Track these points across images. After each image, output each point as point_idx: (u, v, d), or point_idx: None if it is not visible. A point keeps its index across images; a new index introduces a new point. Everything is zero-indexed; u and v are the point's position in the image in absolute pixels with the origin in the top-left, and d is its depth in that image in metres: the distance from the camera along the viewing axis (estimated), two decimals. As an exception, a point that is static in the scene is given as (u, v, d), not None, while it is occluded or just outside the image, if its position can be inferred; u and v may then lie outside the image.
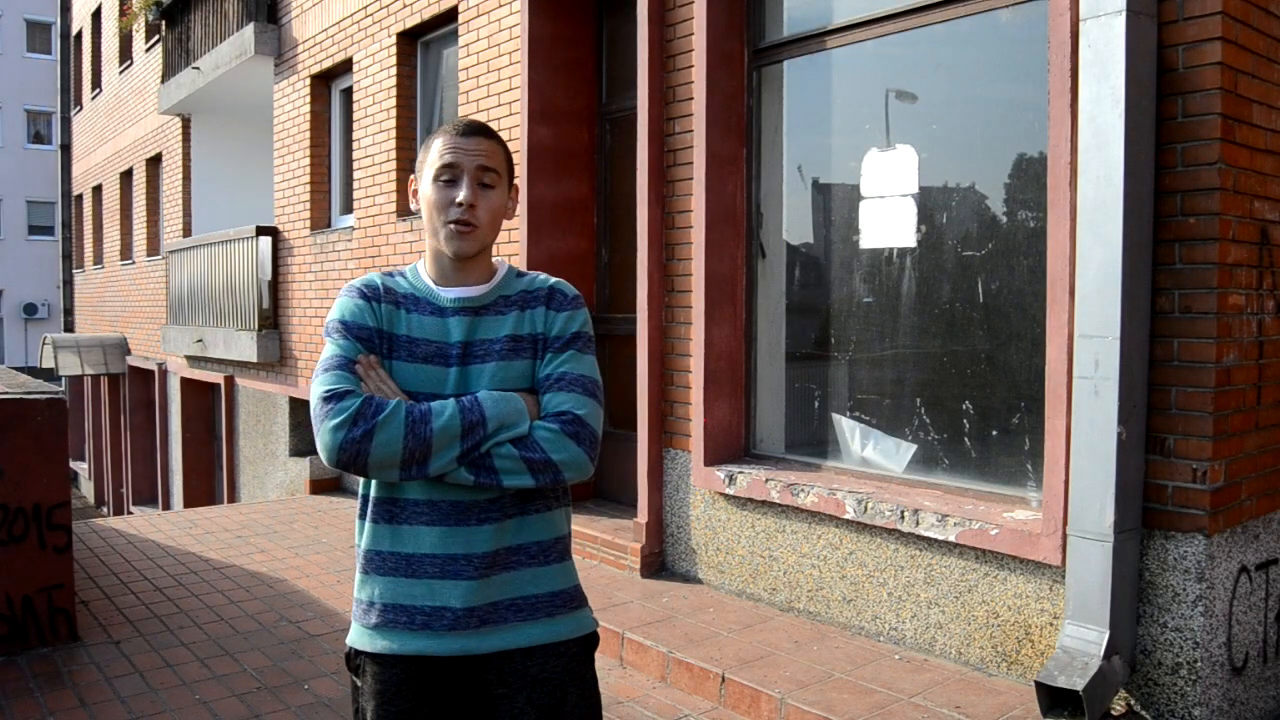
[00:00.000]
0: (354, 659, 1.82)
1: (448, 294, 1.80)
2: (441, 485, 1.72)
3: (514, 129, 5.97)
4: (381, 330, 1.77)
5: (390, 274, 1.86)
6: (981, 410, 4.00)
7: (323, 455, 1.69)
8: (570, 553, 1.89)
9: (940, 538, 3.72)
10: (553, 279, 1.88)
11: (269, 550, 6.14)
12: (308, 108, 8.64)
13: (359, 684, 1.81)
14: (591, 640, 1.87)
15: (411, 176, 1.87)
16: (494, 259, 1.88)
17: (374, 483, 1.77)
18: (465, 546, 1.73)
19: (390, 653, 1.74)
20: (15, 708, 3.69)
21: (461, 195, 1.74)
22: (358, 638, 1.80)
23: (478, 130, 1.79)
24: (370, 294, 1.79)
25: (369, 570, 1.79)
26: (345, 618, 4.76)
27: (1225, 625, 3.18)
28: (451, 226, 1.76)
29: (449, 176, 1.76)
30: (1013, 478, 3.86)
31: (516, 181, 1.91)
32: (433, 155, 1.78)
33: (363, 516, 1.82)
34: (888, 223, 4.35)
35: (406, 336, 1.77)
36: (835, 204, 4.68)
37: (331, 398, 1.68)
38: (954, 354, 4.12)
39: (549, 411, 1.74)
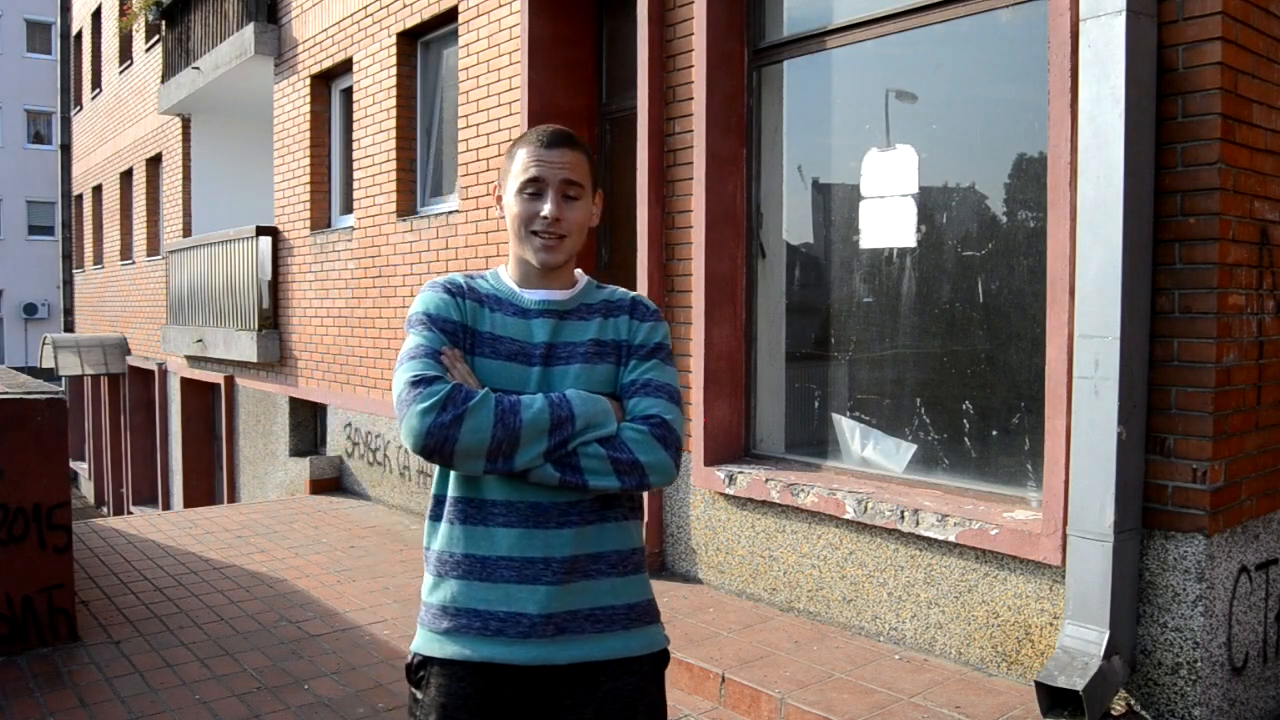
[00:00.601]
0: (416, 670, 1.75)
1: (531, 296, 1.80)
2: (521, 485, 1.69)
3: (514, 129, 5.97)
4: (465, 325, 1.75)
5: (472, 275, 1.85)
6: (981, 410, 4.00)
7: (407, 441, 1.65)
8: (646, 565, 1.84)
9: (940, 538, 3.72)
10: (633, 293, 1.89)
11: (269, 550, 6.13)
12: (308, 108, 8.64)
13: (419, 696, 1.74)
14: (662, 658, 1.83)
15: (494, 183, 1.85)
16: (576, 270, 1.88)
17: (450, 482, 1.74)
18: (544, 550, 1.69)
19: (462, 659, 1.69)
20: (15, 708, 3.69)
21: (546, 210, 1.73)
22: (426, 643, 1.74)
23: (562, 141, 1.77)
24: (454, 290, 1.78)
25: (442, 573, 1.74)
26: (345, 618, 4.76)
27: (1225, 625, 3.18)
28: (537, 239, 1.75)
29: (533, 190, 1.74)
30: (1013, 478, 3.86)
31: (601, 189, 1.89)
32: (517, 166, 1.77)
33: (435, 518, 1.78)
34: (888, 223, 4.35)
35: (490, 334, 1.75)
36: (835, 204, 4.68)
37: (419, 382, 1.65)
38: (954, 354, 4.12)
39: (636, 415, 1.73)
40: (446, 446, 1.63)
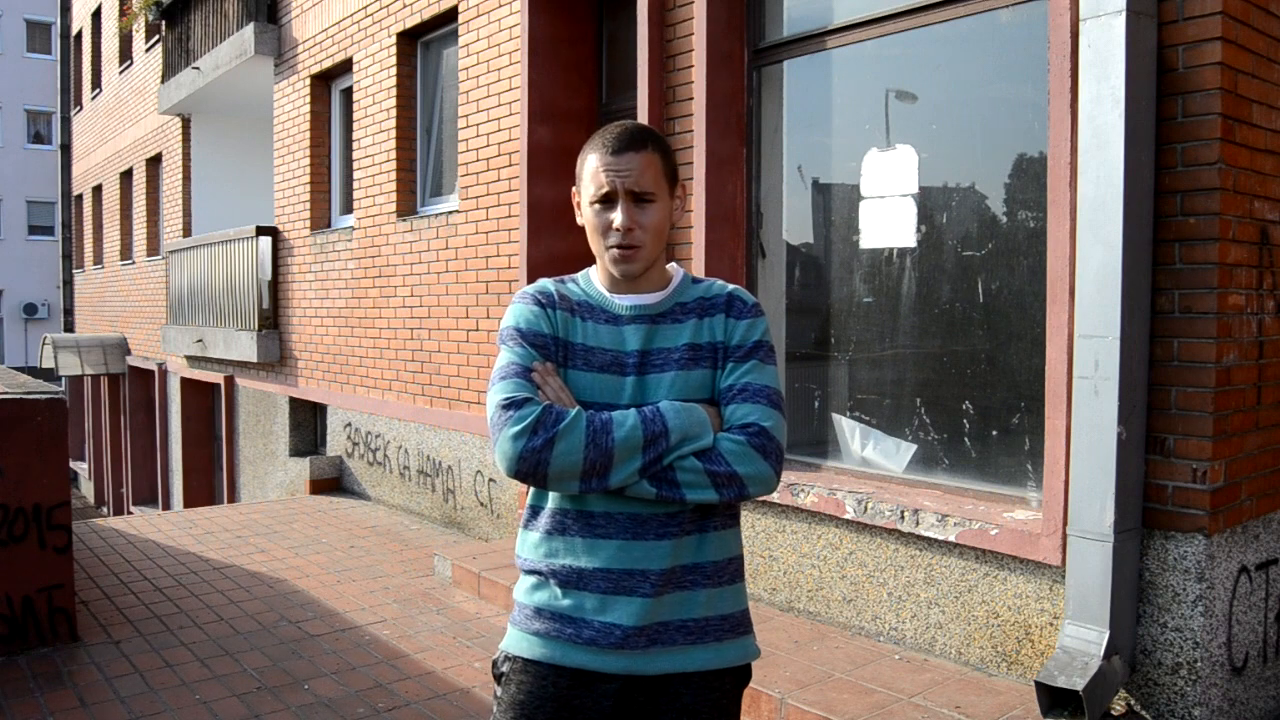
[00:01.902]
0: (500, 665, 1.76)
1: (623, 301, 1.76)
2: (620, 498, 1.66)
3: (514, 129, 5.97)
4: (558, 338, 1.72)
5: (562, 280, 1.81)
6: (981, 410, 4.00)
7: (501, 465, 1.64)
8: (743, 574, 1.81)
9: (940, 538, 3.72)
10: (730, 285, 1.83)
11: (269, 550, 6.14)
12: (308, 108, 8.64)
13: (498, 693, 1.75)
14: (745, 673, 1.80)
15: (574, 189, 1.80)
16: (669, 265, 1.83)
17: (549, 493, 1.71)
18: (642, 562, 1.67)
19: (550, 661, 1.69)
20: (15, 708, 3.69)
21: (618, 221, 1.69)
22: (516, 643, 1.74)
23: (630, 144, 1.70)
24: (545, 300, 1.74)
25: (539, 580, 1.73)
26: (345, 618, 4.76)
27: (1225, 625, 3.18)
28: (614, 251, 1.71)
29: (605, 199, 1.70)
30: (1013, 478, 3.86)
31: (683, 180, 1.83)
32: (587, 174, 1.72)
33: (530, 527, 1.77)
34: (888, 223, 4.35)
35: (583, 345, 1.72)
36: (835, 204, 4.68)
37: (510, 405, 1.63)
38: (954, 354, 4.12)
39: (734, 423, 1.68)
40: (540, 470, 1.61)
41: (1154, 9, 3.14)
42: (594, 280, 1.80)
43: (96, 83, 16.74)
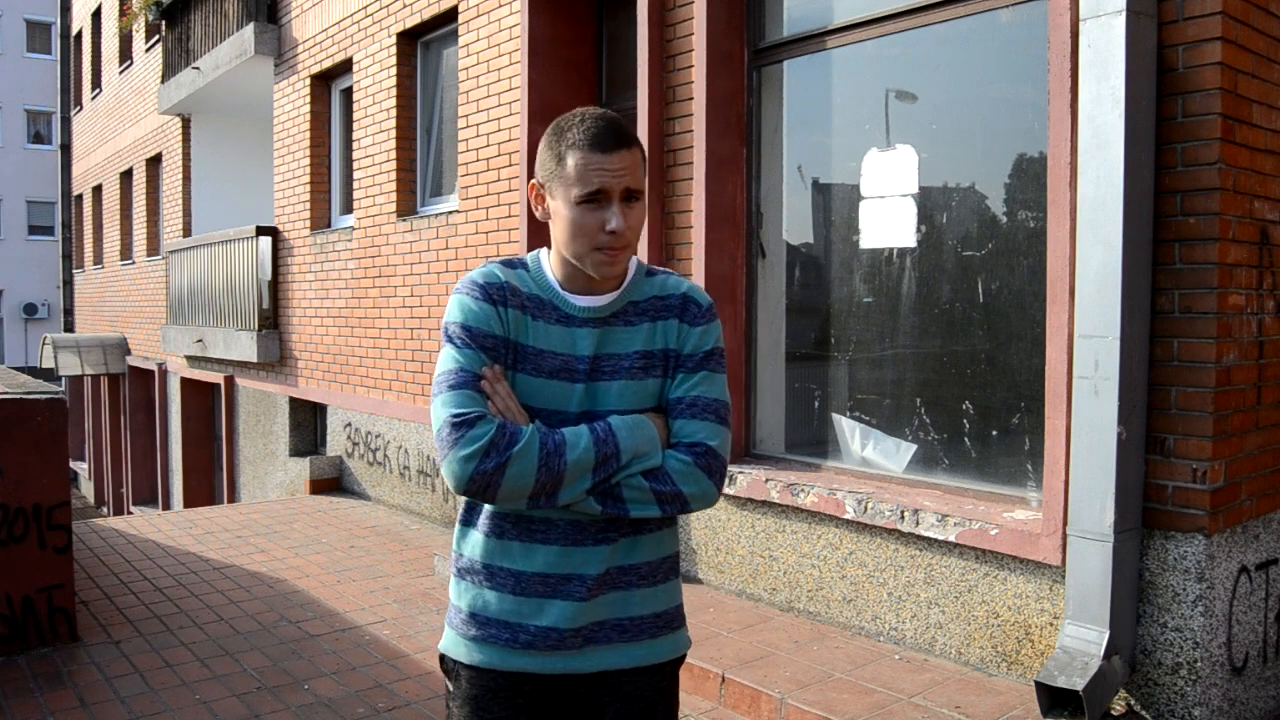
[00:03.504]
0: (448, 662, 1.77)
1: (577, 302, 1.70)
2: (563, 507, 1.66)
3: (514, 129, 5.97)
4: (508, 340, 1.65)
5: (511, 264, 1.73)
6: (981, 410, 4.00)
7: (449, 482, 1.60)
8: (678, 570, 1.81)
9: (940, 538, 3.72)
10: (685, 284, 1.77)
11: (269, 550, 6.13)
12: (308, 108, 8.64)
13: (451, 688, 1.76)
14: (681, 659, 1.82)
15: (533, 181, 1.70)
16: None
17: None
18: (580, 567, 1.67)
19: (489, 667, 1.69)
20: (15, 708, 3.69)
21: (613, 224, 1.61)
22: (454, 647, 1.74)
23: (621, 142, 1.62)
24: (496, 296, 1.66)
25: (474, 581, 1.72)
26: (345, 618, 4.76)
27: (1225, 625, 3.18)
28: (600, 254, 1.63)
29: (595, 200, 1.61)
30: (1013, 478, 3.86)
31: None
32: (570, 171, 1.61)
33: (468, 524, 1.75)
34: (888, 223, 4.35)
35: (534, 348, 1.66)
36: (835, 204, 4.68)
37: (461, 423, 1.58)
38: (954, 354, 4.12)
39: (682, 439, 1.66)
40: (489, 491, 1.59)
41: (1154, 9, 3.14)
42: (545, 269, 1.73)
43: (96, 83, 16.74)
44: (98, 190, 16.83)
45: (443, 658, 1.78)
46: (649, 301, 1.73)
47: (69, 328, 18.47)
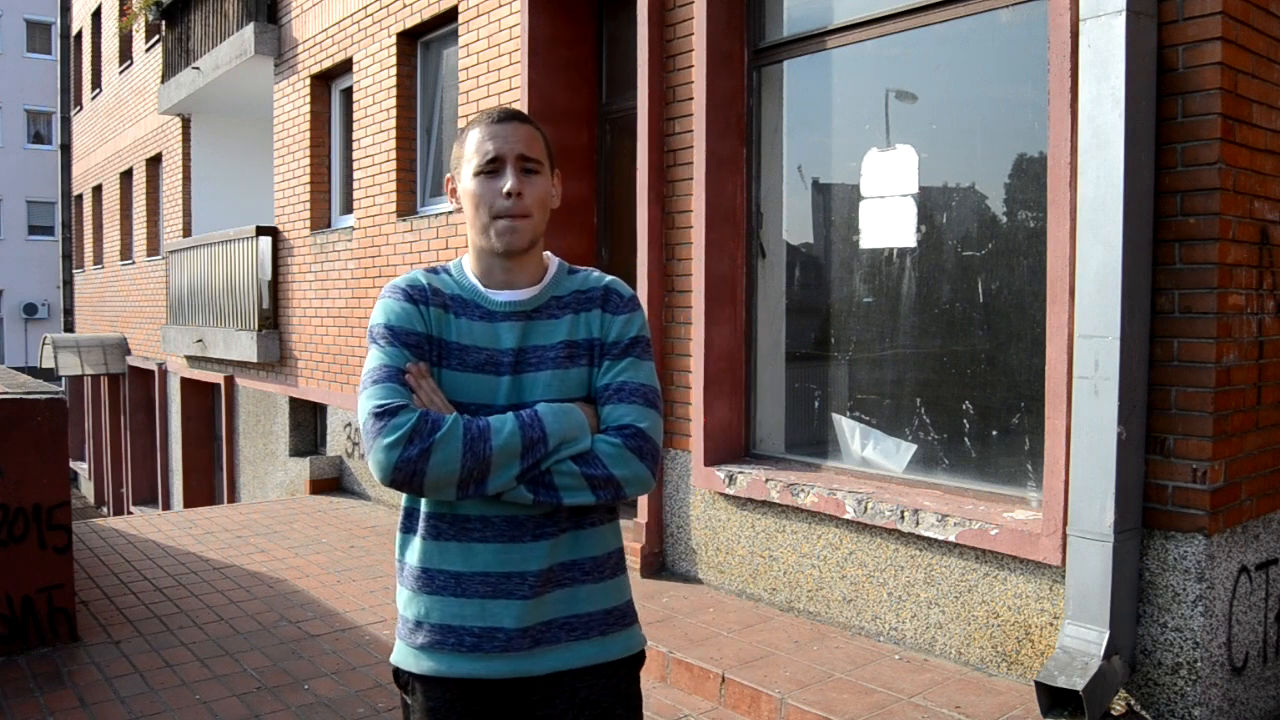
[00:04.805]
0: (401, 676, 1.76)
1: (498, 297, 1.71)
2: (496, 501, 1.64)
3: (514, 129, 5.96)
4: (431, 336, 1.67)
5: (434, 270, 1.77)
6: (981, 410, 4.00)
7: (375, 474, 1.61)
8: (624, 566, 1.81)
9: (940, 538, 3.72)
10: (607, 277, 1.79)
11: (269, 550, 6.13)
12: (308, 108, 8.64)
13: (409, 701, 1.76)
14: (639, 659, 1.80)
15: (448, 175, 1.78)
16: (545, 254, 1.79)
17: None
18: (520, 564, 1.66)
19: (438, 675, 1.68)
20: (15, 708, 3.69)
21: (508, 185, 1.65)
22: (404, 658, 1.74)
23: (514, 116, 1.71)
24: (418, 296, 1.69)
25: (416, 588, 1.72)
26: (345, 618, 4.76)
27: (1225, 625, 3.18)
28: (501, 222, 1.67)
29: (491, 168, 1.67)
30: (1013, 478, 3.86)
31: (559, 169, 1.82)
32: (470, 148, 1.70)
33: (408, 530, 1.76)
34: (888, 223, 4.35)
35: (457, 344, 1.68)
36: (835, 204, 4.68)
37: (384, 414, 1.59)
38: (954, 354, 4.12)
39: (610, 424, 1.66)
40: (415, 480, 1.58)
41: (1154, 9, 3.14)
42: (467, 272, 1.75)
43: (96, 83, 16.74)
44: (98, 190, 16.83)
45: (396, 673, 1.77)
46: (571, 295, 1.74)
47: (69, 328, 18.47)
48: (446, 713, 1.69)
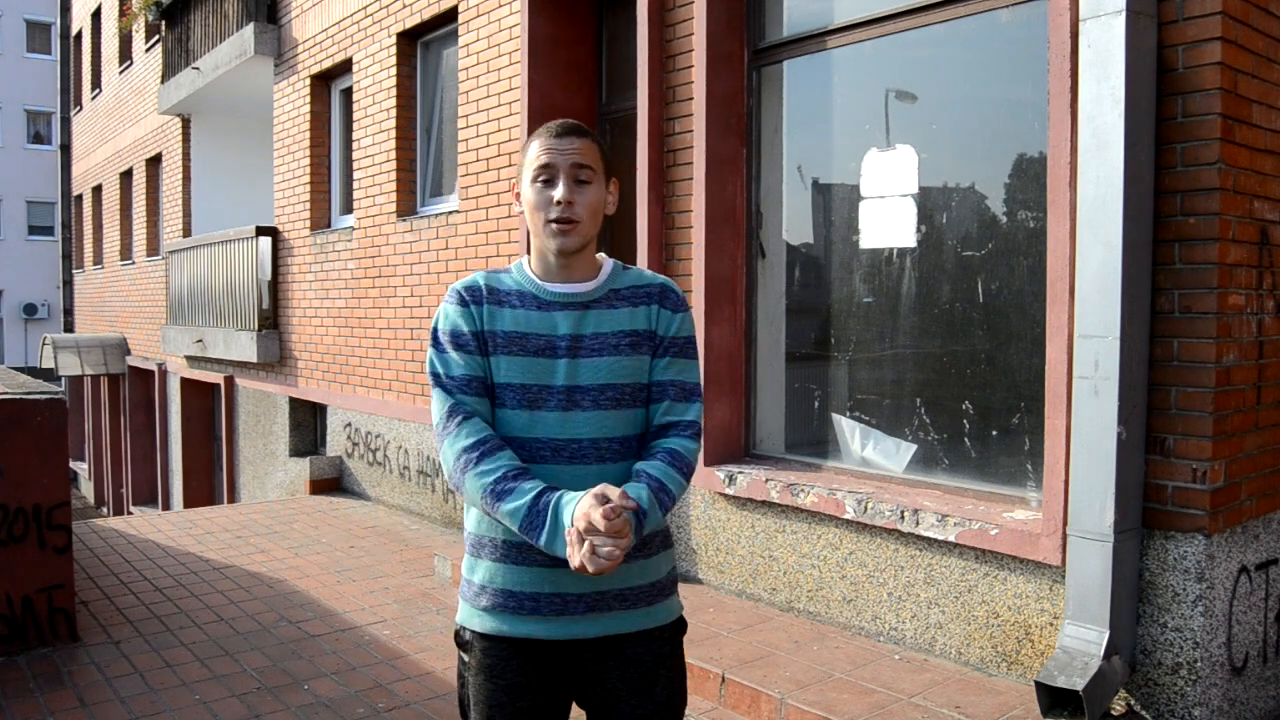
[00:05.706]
0: (461, 634, 1.89)
1: (553, 289, 1.86)
2: (558, 474, 1.78)
3: (514, 129, 5.97)
4: (479, 331, 1.82)
5: (495, 272, 1.91)
6: (981, 410, 4.00)
7: (450, 482, 1.80)
8: (671, 541, 1.97)
9: (940, 538, 3.72)
10: (661, 276, 1.94)
11: (269, 550, 6.14)
12: (308, 108, 8.64)
13: (466, 659, 1.89)
14: (681, 624, 1.96)
15: (513, 181, 1.92)
16: (598, 255, 1.93)
17: None
18: None
19: (499, 634, 1.82)
20: (15, 708, 3.69)
21: (559, 194, 1.80)
22: (468, 617, 1.87)
23: (571, 130, 1.84)
24: (470, 297, 1.85)
25: (480, 555, 1.86)
26: (345, 618, 4.76)
27: (1225, 625, 3.18)
28: (552, 225, 1.81)
29: (546, 177, 1.82)
30: (1013, 478, 3.86)
31: (616, 177, 1.97)
32: (530, 158, 1.84)
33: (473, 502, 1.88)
34: (888, 223, 4.35)
35: (514, 331, 1.82)
36: (835, 204, 4.68)
37: (474, 447, 1.77)
38: (954, 354, 4.12)
39: (681, 419, 1.85)
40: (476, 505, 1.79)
41: (1154, 9, 3.14)
42: (526, 270, 1.90)
43: (96, 83, 16.73)
44: (97, 190, 16.83)
45: (458, 632, 1.91)
46: (629, 289, 1.89)
47: (69, 328, 18.47)
48: (503, 669, 1.83)
